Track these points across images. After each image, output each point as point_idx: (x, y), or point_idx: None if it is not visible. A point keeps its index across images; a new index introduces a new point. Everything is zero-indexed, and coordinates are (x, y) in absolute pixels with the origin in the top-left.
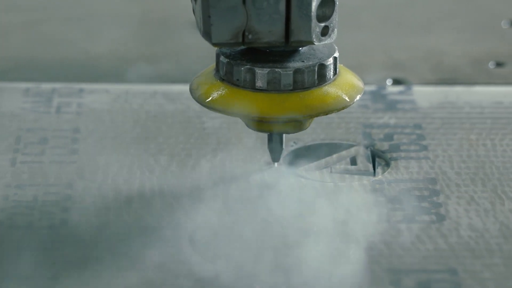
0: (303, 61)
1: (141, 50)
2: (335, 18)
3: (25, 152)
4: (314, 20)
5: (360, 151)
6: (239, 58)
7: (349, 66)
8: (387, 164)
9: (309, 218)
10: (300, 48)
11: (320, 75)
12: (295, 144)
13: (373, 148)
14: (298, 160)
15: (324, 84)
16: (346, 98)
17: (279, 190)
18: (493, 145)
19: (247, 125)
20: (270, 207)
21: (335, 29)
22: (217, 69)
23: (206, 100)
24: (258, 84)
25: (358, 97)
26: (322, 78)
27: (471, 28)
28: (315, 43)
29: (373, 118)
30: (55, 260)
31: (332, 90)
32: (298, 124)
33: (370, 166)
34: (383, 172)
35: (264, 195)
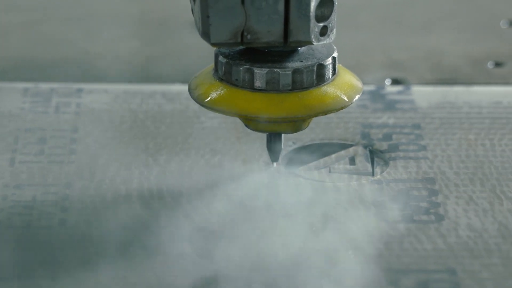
0: (302, 61)
1: (141, 50)
2: (334, 18)
3: (24, 152)
4: (313, 20)
5: (359, 151)
6: (238, 58)
7: (348, 66)
8: (386, 164)
9: (308, 218)
10: (299, 48)
11: (319, 75)
12: (294, 144)
13: (372, 148)
14: (297, 160)
15: (323, 84)
16: (345, 98)
17: (278, 190)
18: (492, 145)
19: (246, 125)
20: (269, 207)
21: (334, 29)
22: (216, 69)
23: (205, 100)
24: (257, 84)
25: (357, 97)
26: (321, 78)
27: (470, 28)
28: (314, 43)
29: (372, 118)
30: (54, 260)
31: (331, 90)
32: (297, 124)
33: (369, 166)
34: (382, 172)
35: (263, 195)
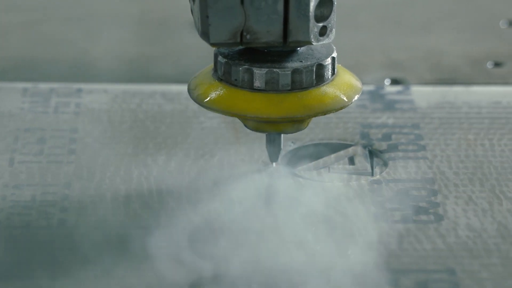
0: (301, 61)
1: (141, 50)
2: (333, 18)
3: (23, 152)
4: (312, 20)
5: (358, 151)
6: (237, 58)
7: (347, 66)
8: (385, 164)
9: (307, 218)
10: (298, 48)
11: (318, 75)
12: (293, 144)
13: (371, 148)
14: (296, 160)
15: (322, 84)
16: (344, 98)
17: (277, 190)
18: (491, 145)
19: (245, 125)
20: (269, 207)
21: (333, 29)
22: (215, 69)
23: (205, 100)
24: (256, 84)
25: (356, 97)
26: (320, 78)
27: (469, 28)
28: (313, 43)
29: (371, 118)
30: (53, 260)
31: (330, 90)
32: (296, 124)
33: (368, 166)
34: (381, 172)
35: (262, 195)
